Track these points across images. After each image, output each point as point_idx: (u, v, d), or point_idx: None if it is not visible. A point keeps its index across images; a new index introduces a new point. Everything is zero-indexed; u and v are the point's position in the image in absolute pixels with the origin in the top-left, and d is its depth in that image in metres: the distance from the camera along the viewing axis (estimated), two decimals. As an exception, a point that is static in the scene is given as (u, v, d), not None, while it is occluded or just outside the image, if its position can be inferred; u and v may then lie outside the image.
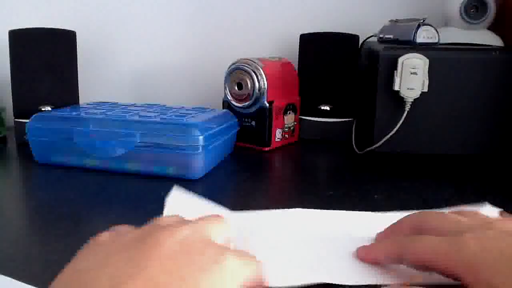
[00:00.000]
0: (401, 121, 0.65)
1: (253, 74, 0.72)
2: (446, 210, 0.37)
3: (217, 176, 0.62)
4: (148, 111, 0.67)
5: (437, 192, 0.57)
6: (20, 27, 0.73)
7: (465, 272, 0.29)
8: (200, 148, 0.58)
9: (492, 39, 0.75)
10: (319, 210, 0.49)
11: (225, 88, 0.75)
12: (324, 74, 0.80)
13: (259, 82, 0.72)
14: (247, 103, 0.74)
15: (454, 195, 0.56)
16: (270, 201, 0.56)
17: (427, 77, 0.64)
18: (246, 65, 0.72)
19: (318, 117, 0.81)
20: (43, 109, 0.73)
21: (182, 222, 0.31)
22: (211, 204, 0.49)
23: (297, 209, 0.48)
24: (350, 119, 0.81)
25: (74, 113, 0.66)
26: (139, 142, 0.59)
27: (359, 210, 0.48)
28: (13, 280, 0.34)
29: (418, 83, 0.64)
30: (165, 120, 0.61)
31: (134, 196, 0.55)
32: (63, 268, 0.26)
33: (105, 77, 1.00)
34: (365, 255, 0.36)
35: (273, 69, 0.75)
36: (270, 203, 0.54)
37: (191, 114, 0.65)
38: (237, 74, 0.73)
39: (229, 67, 0.74)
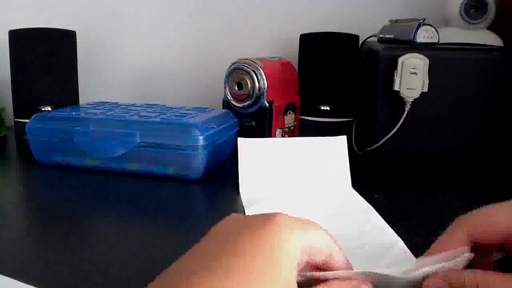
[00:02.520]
0: (401, 121, 0.65)
1: (253, 74, 0.72)
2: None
3: (217, 176, 0.62)
4: (148, 111, 0.67)
5: (437, 192, 0.57)
6: (20, 27, 0.73)
7: None
8: (200, 148, 0.58)
9: (492, 39, 0.75)
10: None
11: (225, 88, 0.75)
12: (324, 74, 0.80)
13: (259, 82, 0.72)
14: (247, 103, 0.73)
15: (454, 195, 0.56)
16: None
17: (427, 77, 0.64)
18: (246, 65, 0.72)
19: (318, 117, 0.81)
20: (43, 109, 0.73)
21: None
22: (278, 140, 0.59)
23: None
24: (350, 119, 0.81)
25: (74, 113, 0.66)
26: (139, 142, 0.59)
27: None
28: (13, 280, 0.34)
29: (418, 83, 0.64)
30: (165, 120, 0.61)
31: (134, 196, 0.55)
32: (63, 268, 0.27)
33: (105, 77, 1.00)
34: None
35: (273, 69, 0.75)
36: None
37: (191, 114, 0.65)
38: (237, 74, 0.73)
39: (229, 67, 0.74)
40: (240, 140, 0.56)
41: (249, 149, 0.56)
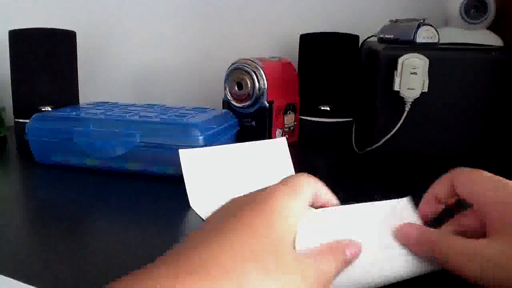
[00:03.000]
0: (401, 121, 0.65)
1: (253, 74, 0.72)
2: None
3: (217, 176, 0.62)
4: (148, 111, 0.67)
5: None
6: (20, 27, 0.73)
7: None
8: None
9: (492, 39, 0.75)
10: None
11: (225, 88, 0.75)
12: (324, 74, 0.80)
13: (259, 82, 0.72)
14: (247, 103, 0.74)
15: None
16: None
17: (427, 77, 0.64)
18: (246, 65, 0.72)
19: (318, 117, 0.81)
20: (43, 109, 0.73)
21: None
22: (220, 147, 0.56)
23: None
24: (350, 119, 0.81)
25: (74, 113, 0.66)
26: (139, 142, 0.59)
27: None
28: (13, 280, 0.34)
29: (418, 83, 0.64)
30: (165, 120, 0.61)
31: (134, 196, 0.55)
32: (63, 268, 0.26)
33: (105, 77, 1.00)
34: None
35: (273, 69, 0.75)
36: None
37: (191, 114, 0.65)
38: (237, 74, 0.73)
39: (229, 67, 0.74)
40: (181, 152, 0.54)
41: (192, 159, 0.54)
